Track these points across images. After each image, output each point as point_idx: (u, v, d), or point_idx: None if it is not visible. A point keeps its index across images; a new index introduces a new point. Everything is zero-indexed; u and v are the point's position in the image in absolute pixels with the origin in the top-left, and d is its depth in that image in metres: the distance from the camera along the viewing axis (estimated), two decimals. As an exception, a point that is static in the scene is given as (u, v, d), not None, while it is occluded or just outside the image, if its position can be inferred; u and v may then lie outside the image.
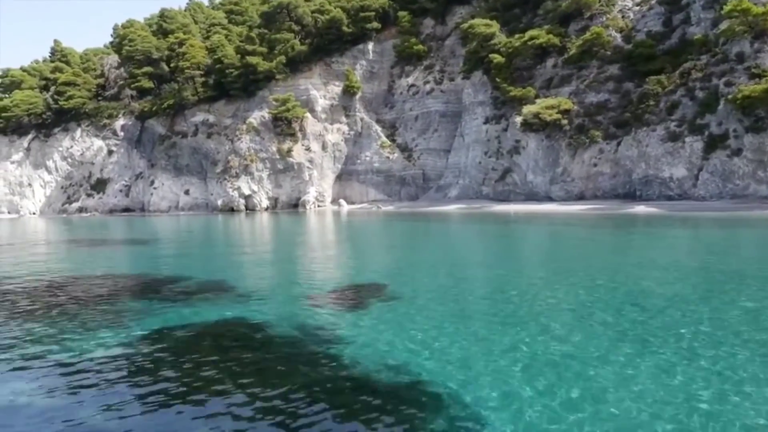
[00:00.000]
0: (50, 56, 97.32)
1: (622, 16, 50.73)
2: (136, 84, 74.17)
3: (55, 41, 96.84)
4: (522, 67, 54.14)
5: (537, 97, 51.32)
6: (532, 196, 49.26)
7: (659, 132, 40.60)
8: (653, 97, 40.90)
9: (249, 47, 69.03)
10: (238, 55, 69.05)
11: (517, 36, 53.85)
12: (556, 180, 47.09)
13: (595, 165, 44.75)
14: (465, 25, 57.83)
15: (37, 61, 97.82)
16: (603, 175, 44.50)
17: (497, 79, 52.97)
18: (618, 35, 49.04)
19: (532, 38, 51.72)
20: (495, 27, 56.36)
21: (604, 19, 50.93)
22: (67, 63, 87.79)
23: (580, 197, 45.46)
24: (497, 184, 52.79)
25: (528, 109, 48.29)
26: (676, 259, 16.84)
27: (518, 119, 51.23)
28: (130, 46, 73.97)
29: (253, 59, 67.46)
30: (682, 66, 41.94)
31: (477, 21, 56.80)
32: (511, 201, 50.52)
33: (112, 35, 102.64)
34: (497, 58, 53.84)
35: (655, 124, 40.94)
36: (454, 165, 59.24)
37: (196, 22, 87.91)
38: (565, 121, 46.74)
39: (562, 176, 46.61)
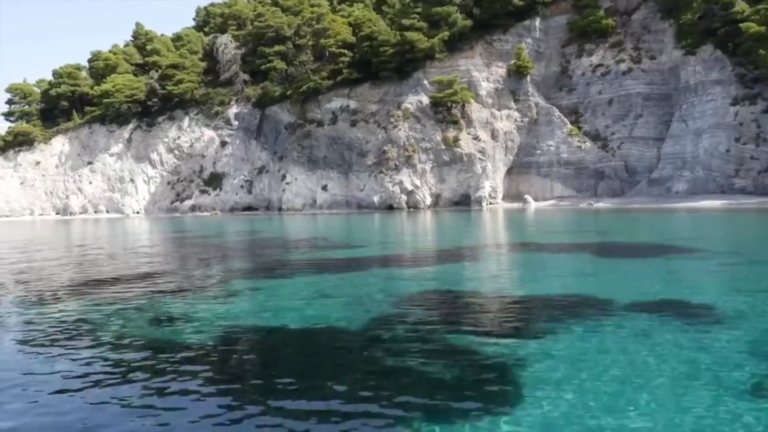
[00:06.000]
0: (132, 40, 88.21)
1: None
2: (268, 65, 64.88)
3: (137, 24, 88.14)
4: (772, 38, 45.96)
5: (808, 72, 43.31)
6: (823, 189, 41.01)
7: None
8: None
9: (406, 22, 60.29)
10: (394, 31, 60.32)
11: (775, 1, 45.68)
12: None
13: None
14: (696, -9, 49.60)
15: (116, 45, 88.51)
16: None
17: (761, 51, 44.59)
18: None
19: (808, 1, 43.60)
20: (734, -8, 48.26)
21: None
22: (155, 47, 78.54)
23: None
24: (762, 176, 44.43)
25: (829, 84, 40.03)
26: None
27: (791, 98, 43.07)
28: (260, 21, 64.83)
29: (412, 35, 58.70)
30: None
31: (713, -14, 48.60)
32: (788, 195, 42.17)
33: (195, 18, 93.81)
34: (753, 27, 45.56)
35: None
36: (674, 155, 50.80)
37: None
38: None
39: None
